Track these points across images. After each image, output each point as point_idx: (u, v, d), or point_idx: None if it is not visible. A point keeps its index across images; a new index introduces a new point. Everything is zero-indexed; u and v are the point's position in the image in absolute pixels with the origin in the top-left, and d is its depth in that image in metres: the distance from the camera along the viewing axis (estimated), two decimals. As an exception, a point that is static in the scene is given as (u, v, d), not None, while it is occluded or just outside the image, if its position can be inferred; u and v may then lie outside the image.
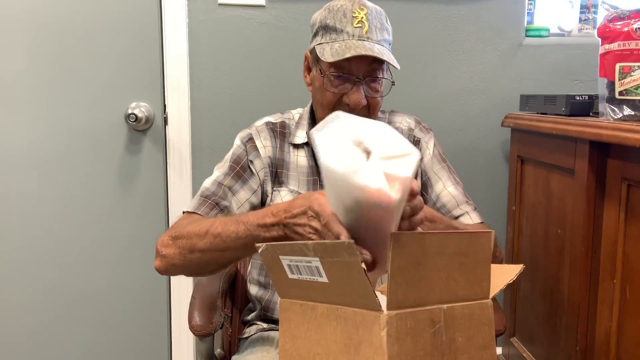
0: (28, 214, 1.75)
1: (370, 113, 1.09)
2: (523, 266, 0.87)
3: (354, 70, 1.05)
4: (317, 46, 1.08)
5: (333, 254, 0.68)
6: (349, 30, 1.04)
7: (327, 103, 1.09)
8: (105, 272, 1.80)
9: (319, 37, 1.09)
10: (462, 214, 1.17)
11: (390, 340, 0.67)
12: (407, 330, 0.68)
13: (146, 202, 1.76)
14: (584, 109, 1.43)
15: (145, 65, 1.72)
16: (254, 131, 1.18)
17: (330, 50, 1.04)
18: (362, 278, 0.66)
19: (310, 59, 1.14)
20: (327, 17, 1.07)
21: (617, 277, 1.25)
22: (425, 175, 1.20)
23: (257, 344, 1.17)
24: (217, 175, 1.14)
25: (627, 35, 1.20)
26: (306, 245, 0.70)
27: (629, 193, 1.20)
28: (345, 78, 1.06)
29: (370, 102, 1.08)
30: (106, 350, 1.82)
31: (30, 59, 1.69)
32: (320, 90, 1.10)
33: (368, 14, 1.06)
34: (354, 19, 1.05)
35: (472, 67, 1.82)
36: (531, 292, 1.65)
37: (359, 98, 1.06)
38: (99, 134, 1.74)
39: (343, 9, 1.06)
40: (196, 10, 1.72)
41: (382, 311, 0.67)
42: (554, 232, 1.49)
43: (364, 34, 1.04)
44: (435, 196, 1.18)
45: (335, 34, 1.05)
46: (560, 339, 1.45)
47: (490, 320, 0.77)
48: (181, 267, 1.00)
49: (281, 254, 0.74)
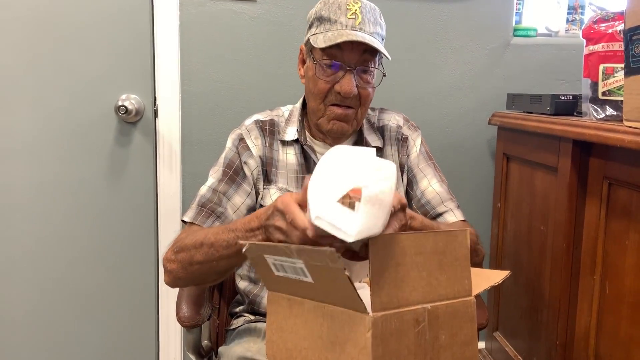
0: (16, 205, 1.75)
1: (360, 104, 1.12)
2: (509, 272, 0.90)
3: (346, 59, 1.08)
4: (311, 37, 1.11)
5: (316, 259, 0.69)
6: (343, 21, 1.07)
7: (318, 92, 1.11)
8: (94, 264, 1.80)
9: (313, 28, 1.12)
10: (446, 210, 1.19)
11: (375, 342, 0.68)
12: (391, 331, 0.70)
13: (135, 194, 1.77)
14: (568, 108, 1.46)
15: (136, 57, 1.72)
16: (244, 131, 1.20)
17: (324, 38, 1.07)
18: (346, 284, 0.67)
19: (304, 51, 1.17)
20: (322, 9, 1.10)
21: (597, 272, 1.28)
22: (411, 172, 1.22)
23: (244, 335, 1.19)
24: (211, 182, 1.16)
25: (611, 37, 1.23)
26: (289, 248, 0.71)
27: (609, 191, 1.24)
28: (337, 67, 1.08)
29: (361, 92, 1.10)
30: (93, 342, 1.83)
31: (20, 51, 1.69)
32: (312, 80, 1.11)
33: (362, 7, 1.09)
34: (347, 11, 1.07)
35: (460, 66, 1.84)
36: (514, 287, 1.68)
37: (351, 86, 1.08)
38: (88, 125, 1.74)
39: (338, 1, 1.09)
40: (188, 3, 1.72)
41: (367, 312, 0.69)
42: (537, 229, 1.52)
43: (357, 24, 1.07)
44: (420, 193, 1.20)
45: (329, 24, 1.08)
46: (541, 333, 1.48)
47: (473, 317, 0.79)
48: (185, 280, 1.04)
49: (265, 253, 0.75)
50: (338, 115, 1.11)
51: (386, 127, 1.25)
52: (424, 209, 1.19)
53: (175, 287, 1.09)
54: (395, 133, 1.24)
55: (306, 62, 1.16)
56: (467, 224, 1.20)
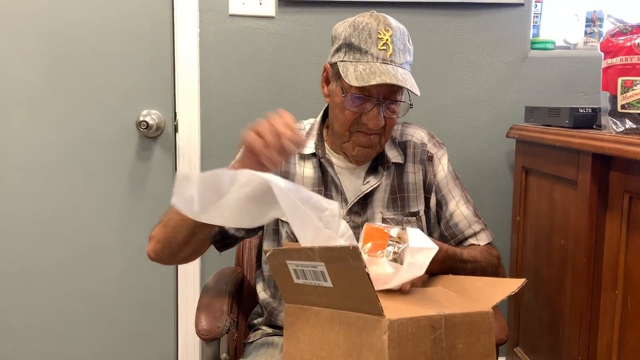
0: (40, 218, 1.79)
1: (385, 131, 1.13)
2: (525, 280, 0.89)
3: (375, 93, 1.08)
4: (340, 62, 1.09)
5: (338, 259, 0.70)
6: (374, 52, 1.06)
7: (345, 120, 1.11)
8: (115, 276, 1.82)
9: (341, 54, 1.10)
10: (472, 234, 1.22)
11: (392, 345, 0.69)
12: (408, 335, 0.70)
13: (155, 208, 1.79)
14: (587, 121, 1.45)
15: (157, 74, 1.76)
16: None
17: (355, 72, 1.05)
18: (365, 282, 0.69)
19: (330, 72, 1.15)
20: (352, 35, 1.08)
21: (618, 288, 1.26)
22: (439, 192, 1.23)
23: (262, 349, 1.19)
24: None
25: (629, 50, 1.22)
26: (312, 250, 0.73)
27: (630, 205, 1.22)
28: (366, 99, 1.08)
29: (387, 122, 1.11)
30: (114, 353, 1.85)
31: (44, 67, 1.74)
32: (339, 107, 1.12)
33: (393, 35, 1.07)
34: (379, 41, 1.06)
35: (478, 79, 1.84)
36: (534, 301, 1.66)
37: (379, 120, 1.09)
38: (110, 140, 1.77)
39: (368, 27, 1.07)
40: (207, 21, 1.76)
41: (383, 316, 0.70)
42: (557, 243, 1.50)
43: (387, 57, 1.06)
44: (449, 214, 1.22)
45: (359, 54, 1.07)
46: (563, 349, 1.46)
47: (491, 329, 0.79)
48: (162, 243, 1.10)
49: (288, 259, 0.77)
50: (363, 142, 1.12)
51: (409, 144, 1.24)
52: (451, 231, 1.22)
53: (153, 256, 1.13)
54: (420, 152, 1.23)
55: (331, 83, 1.15)
56: (492, 247, 1.23)
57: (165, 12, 1.74)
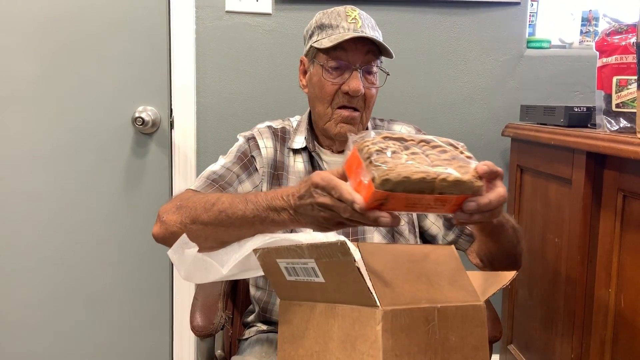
0: (33, 214, 1.78)
1: (365, 106, 1.14)
2: (516, 272, 0.90)
3: (351, 59, 1.11)
4: (313, 43, 1.14)
5: (327, 255, 0.71)
6: (344, 25, 1.11)
7: (325, 94, 1.13)
8: (109, 273, 1.82)
9: (314, 37, 1.15)
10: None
11: (386, 335, 0.69)
12: (401, 326, 0.71)
13: (151, 204, 1.79)
14: (582, 120, 1.46)
15: (152, 70, 1.76)
16: (256, 132, 1.22)
17: (328, 40, 1.10)
18: (356, 276, 0.69)
19: (306, 61, 1.19)
20: (321, 18, 1.15)
21: (612, 285, 1.27)
22: None
23: (257, 346, 1.19)
24: (224, 162, 1.17)
25: (624, 49, 1.23)
26: (301, 247, 0.73)
27: (624, 203, 1.23)
28: (343, 68, 1.11)
29: (366, 92, 1.13)
30: (109, 349, 1.85)
31: (40, 62, 1.73)
32: (318, 84, 1.14)
33: (360, 14, 1.13)
34: (347, 17, 1.12)
35: (474, 77, 1.85)
36: (529, 299, 1.67)
37: (358, 85, 1.10)
38: (105, 136, 1.77)
39: (337, 10, 1.14)
40: (204, 17, 1.76)
41: (377, 306, 0.70)
42: (552, 241, 1.51)
43: (358, 28, 1.11)
44: None
45: (330, 30, 1.12)
46: (556, 347, 1.47)
47: (483, 323, 0.79)
48: (177, 238, 0.96)
49: (278, 258, 0.77)
50: (345, 117, 1.13)
51: None
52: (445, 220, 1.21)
53: (162, 241, 1.01)
54: None
55: (309, 70, 1.18)
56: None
57: (161, 8, 1.73)
